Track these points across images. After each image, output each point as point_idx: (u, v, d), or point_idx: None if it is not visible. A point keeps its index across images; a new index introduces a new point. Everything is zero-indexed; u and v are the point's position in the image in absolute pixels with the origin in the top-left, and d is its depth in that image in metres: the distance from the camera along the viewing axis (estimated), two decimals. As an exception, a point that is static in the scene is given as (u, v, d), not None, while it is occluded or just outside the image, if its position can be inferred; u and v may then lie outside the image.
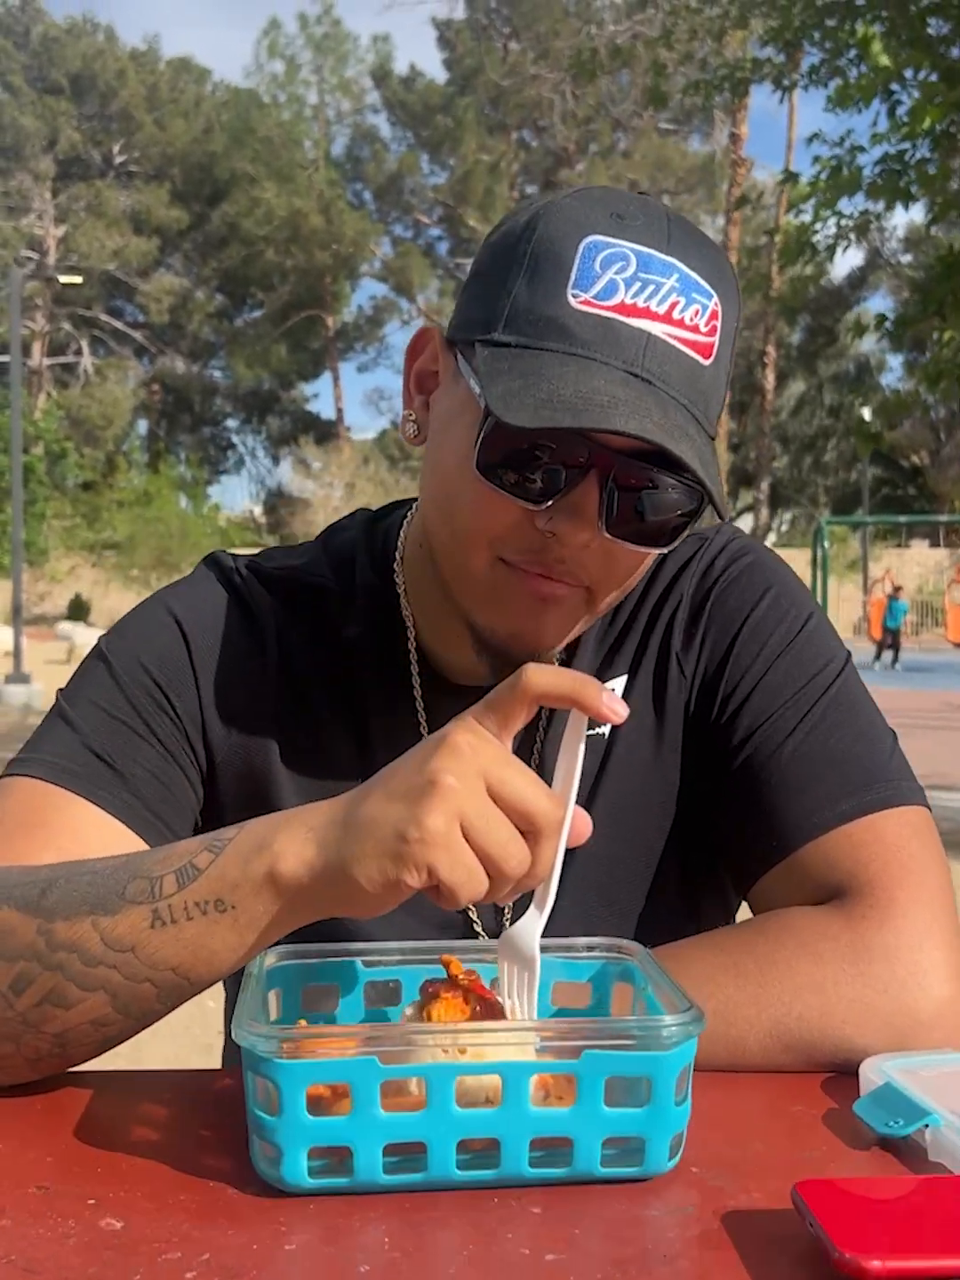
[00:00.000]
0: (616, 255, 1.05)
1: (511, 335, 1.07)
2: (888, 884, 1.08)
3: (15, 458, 19.57)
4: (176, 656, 1.23)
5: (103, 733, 1.18)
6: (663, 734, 1.27)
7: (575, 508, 1.07)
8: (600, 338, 1.05)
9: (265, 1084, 0.82)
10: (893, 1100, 0.91)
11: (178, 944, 0.92)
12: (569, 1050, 0.83)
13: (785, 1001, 1.04)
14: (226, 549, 1.37)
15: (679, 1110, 0.85)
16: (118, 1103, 0.99)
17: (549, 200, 1.12)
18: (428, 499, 1.20)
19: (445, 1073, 0.82)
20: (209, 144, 52.02)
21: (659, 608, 1.28)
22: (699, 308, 1.07)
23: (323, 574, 1.30)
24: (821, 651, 1.23)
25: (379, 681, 1.26)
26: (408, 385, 1.23)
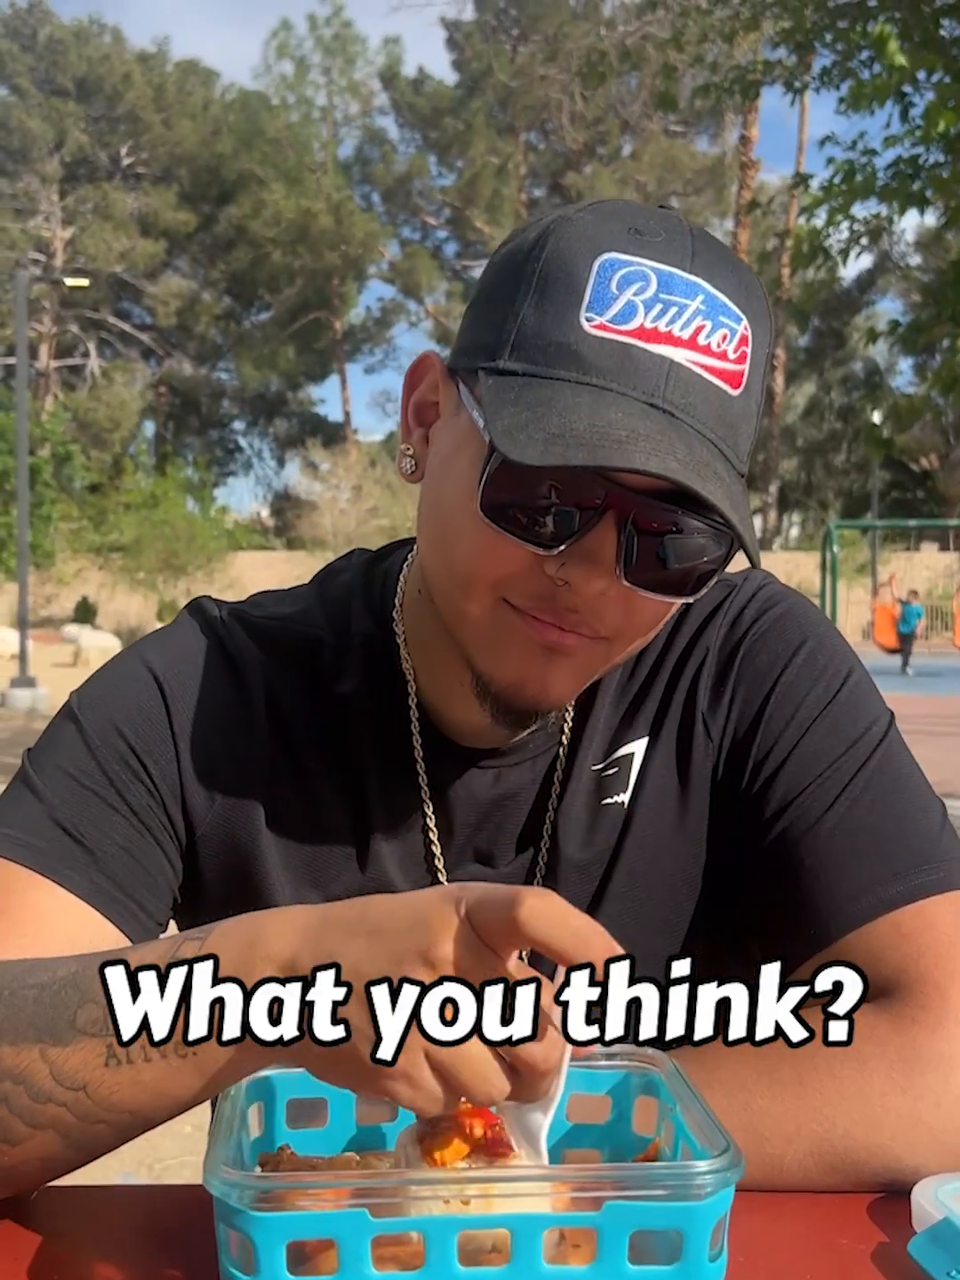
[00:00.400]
0: (635, 275, 0.95)
1: (519, 363, 0.96)
2: (941, 981, 0.97)
3: (21, 460, 19.50)
4: (154, 718, 1.12)
5: (71, 804, 1.07)
6: (687, 802, 1.15)
7: (590, 553, 0.96)
8: (617, 366, 0.94)
9: (239, 1238, 0.72)
10: (953, 1241, 0.80)
11: (135, 1087, 0.81)
12: (588, 1201, 0.72)
13: (827, 1115, 0.93)
14: (219, 594, 1.25)
15: (714, 1266, 0.74)
16: (79, 1225, 0.88)
17: (560, 214, 1.01)
18: (426, 541, 1.09)
19: (446, 1227, 0.71)
20: (216, 146, 52.01)
21: (683, 662, 1.17)
22: (727, 332, 0.96)
23: (316, 623, 1.19)
24: (862, 714, 1.12)
25: (377, 742, 1.15)
26: (405, 417, 1.12)
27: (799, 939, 1.05)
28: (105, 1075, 0.81)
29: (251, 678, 1.15)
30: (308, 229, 50.46)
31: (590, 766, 1.16)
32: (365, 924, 0.75)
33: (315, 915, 0.79)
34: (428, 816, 1.15)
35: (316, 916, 0.78)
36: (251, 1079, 0.87)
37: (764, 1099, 0.94)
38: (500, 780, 1.16)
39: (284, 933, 0.78)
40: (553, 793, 1.16)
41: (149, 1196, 0.96)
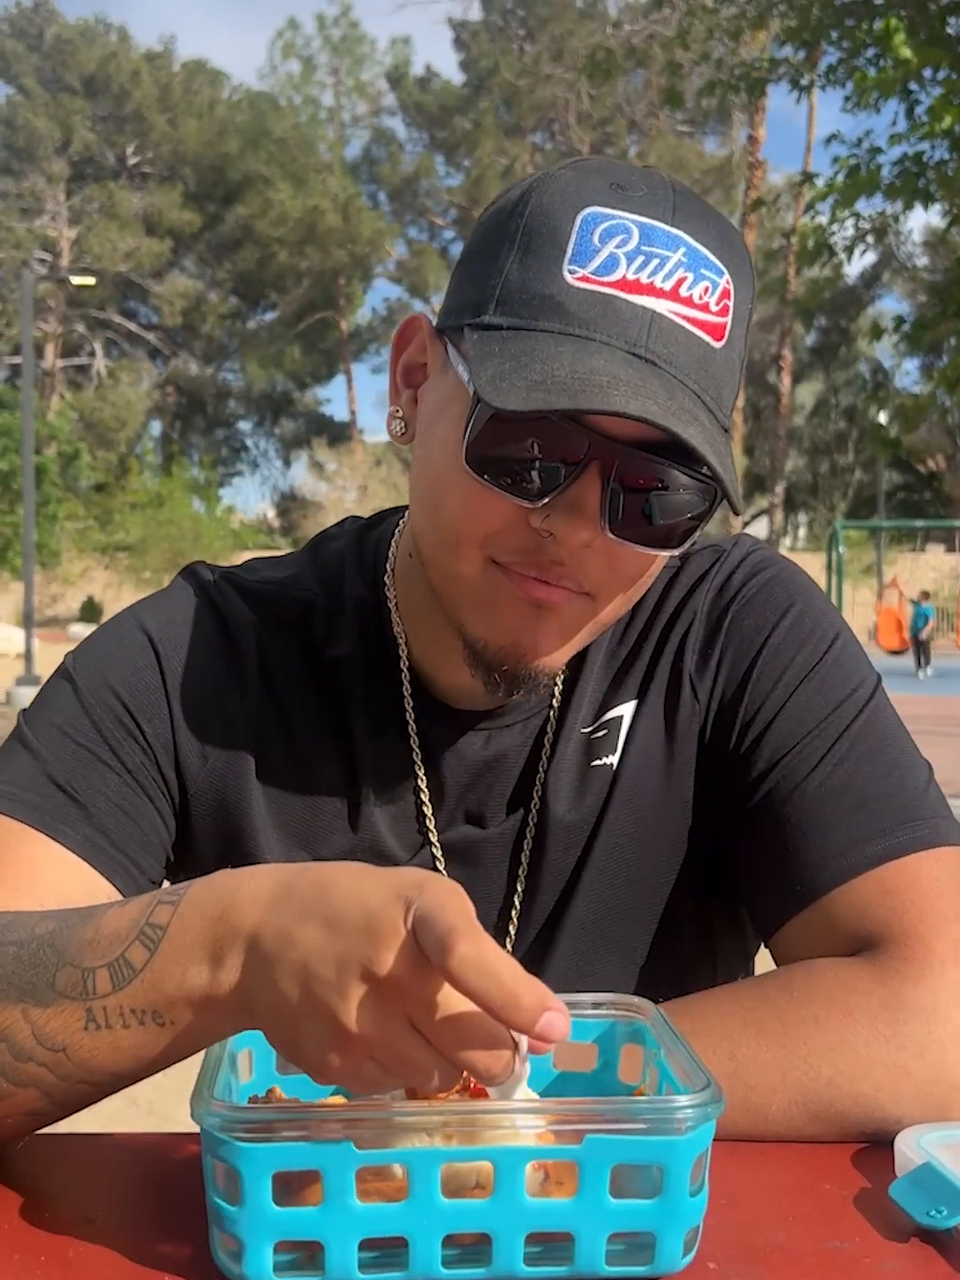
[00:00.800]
0: (617, 228, 0.95)
1: (503, 317, 0.97)
2: (924, 934, 0.98)
3: (27, 459, 19.51)
4: (147, 677, 1.13)
5: (66, 760, 1.08)
6: (674, 764, 1.16)
7: (574, 505, 0.97)
8: (600, 316, 0.95)
9: (226, 1169, 0.73)
10: (934, 1184, 0.81)
11: (114, 1051, 0.82)
12: (570, 1134, 0.73)
13: (812, 1064, 0.94)
14: (223, 557, 1.27)
15: (695, 1201, 0.75)
16: (67, 1174, 0.89)
17: (543, 172, 1.02)
18: (415, 501, 1.10)
19: (429, 1159, 0.72)
20: (222, 145, 52.01)
21: (671, 625, 1.18)
22: (708, 285, 0.97)
23: (309, 587, 1.20)
24: (849, 676, 1.13)
25: (368, 704, 1.16)
26: (394, 379, 1.13)
27: (785, 896, 1.06)
28: (85, 1039, 0.81)
29: (244, 640, 1.16)
30: (314, 228, 50.46)
31: (580, 729, 1.17)
32: (323, 908, 0.73)
33: (280, 887, 0.77)
34: (419, 778, 1.16)
35: (281, 889, 0.77)
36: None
37: (749, 1048, 0.95)
38: (490, 742, 1.17)
39: (250, 906, 0.77)
40: (543, 755, 1.17)
41: (139, 1143, 0.97)
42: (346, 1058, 0.71)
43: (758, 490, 48.61)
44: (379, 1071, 0.72)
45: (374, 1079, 0.72)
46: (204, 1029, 0.80)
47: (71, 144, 50.31)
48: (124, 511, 42.54)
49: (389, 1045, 0.71)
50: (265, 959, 0.74)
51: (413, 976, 0.69)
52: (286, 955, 0.73)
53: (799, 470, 52.45)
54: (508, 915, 1.16)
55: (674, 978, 1.13)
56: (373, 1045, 0.71)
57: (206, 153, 52.29)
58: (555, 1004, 0.67)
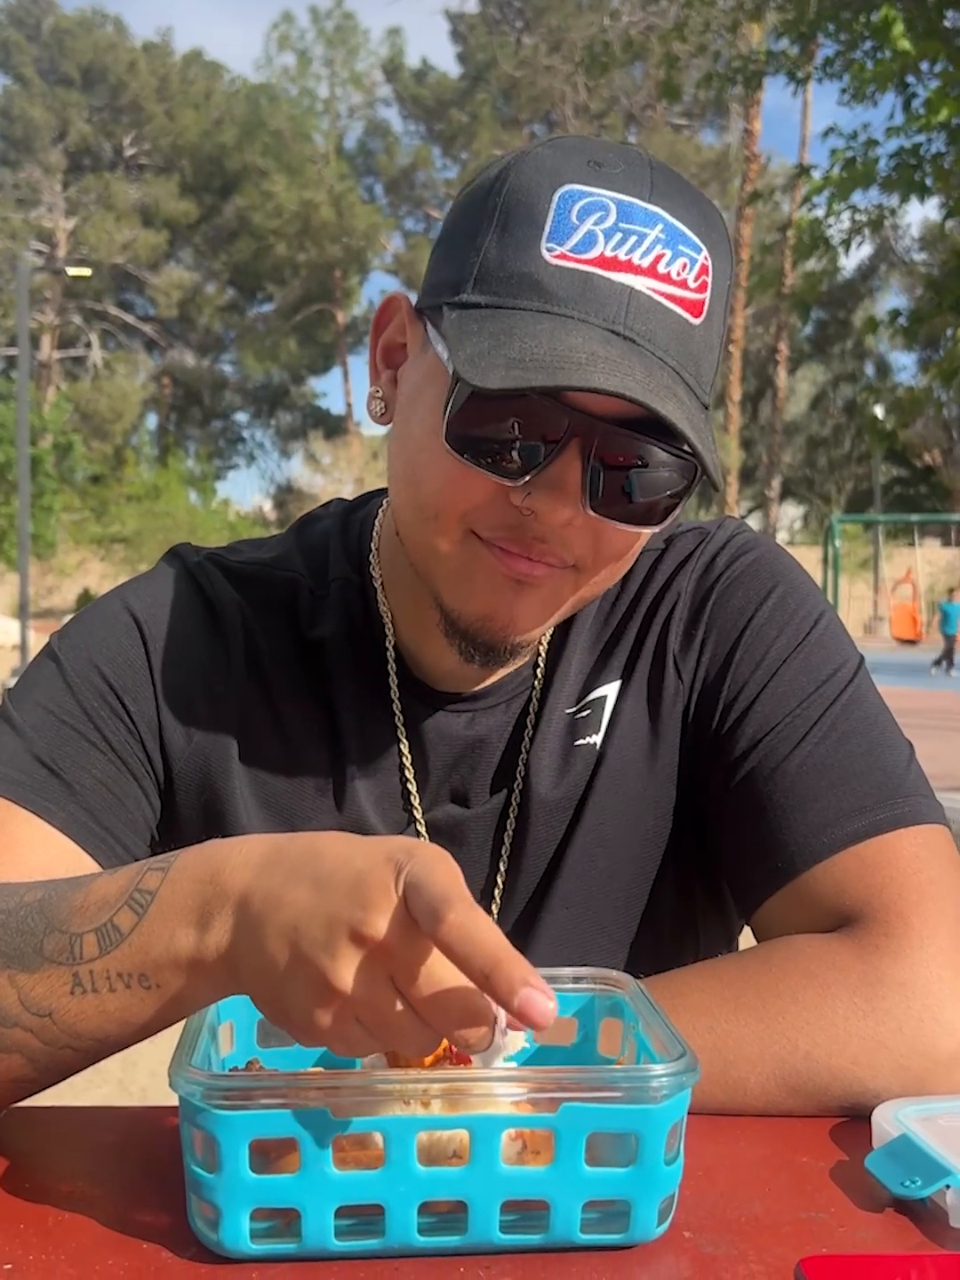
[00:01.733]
0: (595, 205, 0.96)
1: (482, 295, 0.98)
2: (903, 910, 0.99)
3: (22, 450, 19.49)
4: (133, 657, 1.13)
5: (50, 739, 1.09)
6: (658, 743, 1.17)
7: (555, 482, 0.97)
8: (578, 294, 0.95)
9: (203, 1136, 0.73)
10: (909, 1155, 0.82)
11: (100, 1015, 0.82)
12: (546, 1103, 0.73)
13: (790, 1038, 0.94)
14: (192, 543, 1.27)
15: (670, 1170, 0.75)
16: (49, 1145, 0.89)
17: (521, 150, 1.02)
18: (395, 478, 1.10)
19: (406, 1127, 0.72)
20: (219, 137, 51.90)
21: (655, 606, 1.18)
22: (686, 261, 0.97)
23: (294, 568, 1.21)
24: (832, 656, 1.13)
25: (353, 684, 1.17)
26: (374, 359, 1.13)
27: (765, 873, 1.06)
28: (70, 1003, 0.82)
29: (229, 620, 1.17)
30: (310, 221, 50.38)
31: (564, 710, 1.17)
32: (313, 870, 0.74)
33: (271, 852, 0.78)
34: (404, 757, 1.16)
35: (272, 853, 0.78)
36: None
37: (728, 1023, 0.95)
38: (475, 722, 1.17)
39: (240, 871, 0.78)
40: (526, 735, 1.17)
41: (119, 1115, 0.97)
42: (332, 1017, 0.72)
43: (754, 483, 48.61)
44: (363, 1033, 0.72)
45: (358, 1040, 0.73)
46: (190, 992, 0.80)
47: (68, 135, 50.20)
48: (120, 503, 42.50)
49: (374, 1006, 0.71)
50: (254, 920, 0.75)
51: (401, 940, 0.70)
52: (275, 916, 0.74)
53: (795, 464, 52.44)
54: (491, 894, 1.17)
55: (656, 955, 1.13)
56: (358, 1005, 0.71)
57: (203, 144, 52.18)
58: (537, 982, 0.67)
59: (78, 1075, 0.90)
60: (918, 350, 38.29)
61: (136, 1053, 3.26)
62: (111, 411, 48.81)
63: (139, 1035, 0.84)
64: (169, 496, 40.58)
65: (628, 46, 13.05)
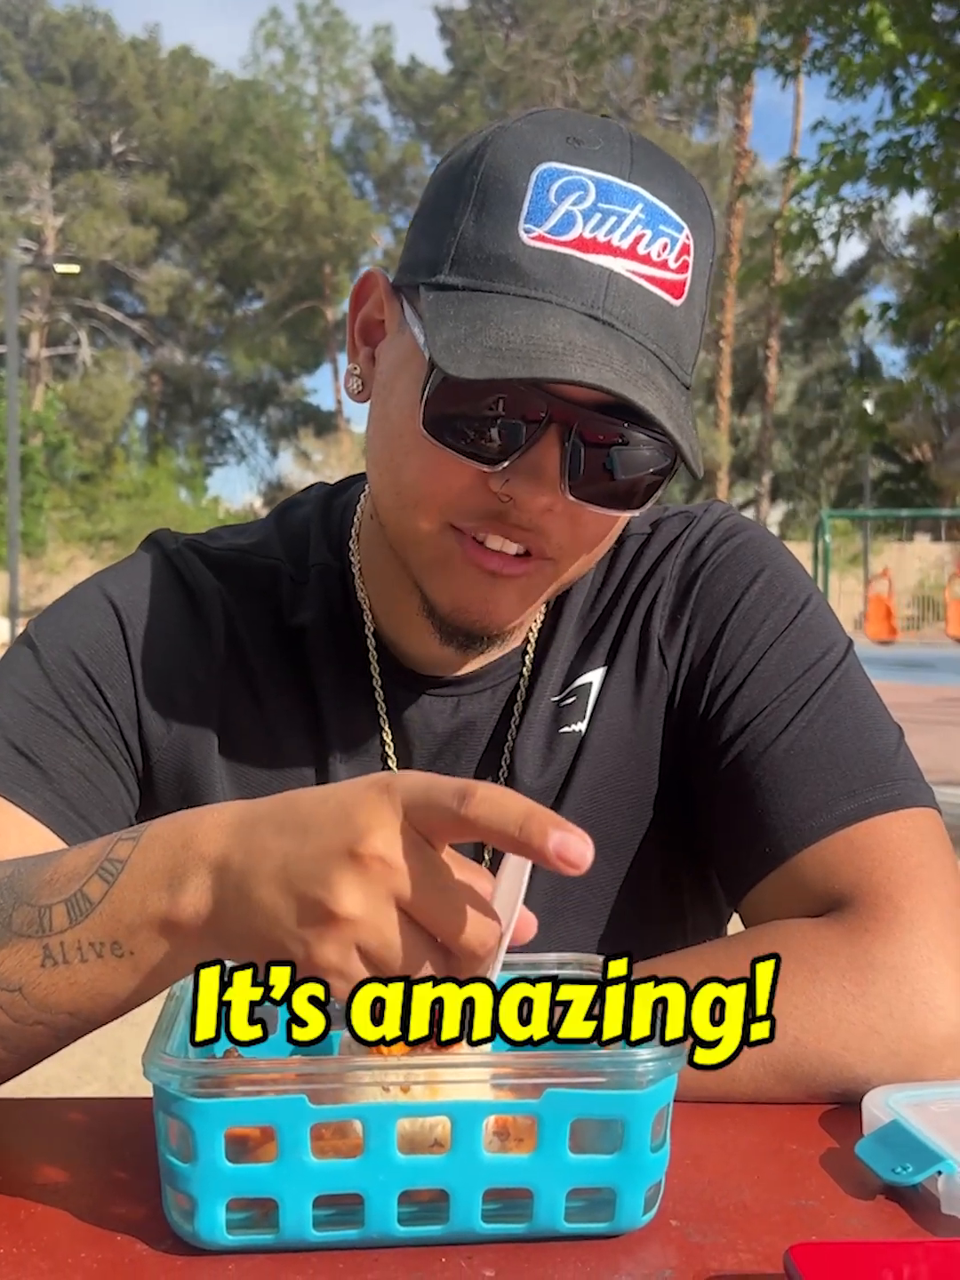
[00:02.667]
0: (573, 184, 0.94)
1: (459, 277, 0.96)
2: (893, 893, 0.97)
3: (11, 449, 19.46)
4: (110, 644, 1.12)
5: (26, 726, 1.07)
6: (641, 731, 1.16)
7: (534, 468, 0.96)
8: (556, 277, 0.93)
9: (178, 1126, 0.71)
10: (900, 1141, 0.80)
11: (72, 987, 0.80)
12: (529, 1089, 0.72)
13: (779, 1024, 0.92)
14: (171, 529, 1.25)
15: (656, 1157, 0.74)
16: (21, 1137, 0.88)
17: (498, 125, 1.00)
18: (373, 461, 1.08)
19: (385, 1114, 0.71)
20: (208, 134, 51.76)
21: (640, 591, 1.17)
22: (667, 241, 0.96)
23: (274, 554, 1.19)
24: (820, 639, 1.12)
25: (334, 671, 1.15)
26: (352, 337, 1.11)
27: (754, 858, 1.05)
28: (41, 976, 0.80)
29: (209, 607, 1.15)
30: (300, 217, 50.29)
31: (549, 697, 1.16)
32: (293, 817, 0.73)
33: (245, 811, 0.77)
34: (386, 745, 1.15)
35: (246, 813, 0.77)
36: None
37: None
38: (459, 709, 1.16)
39: (214, 833, 0.76)
40: (511, 723, 1.16)
41: (93, 1107, 0.95)
42: (335, 948, 0.70)
43: (744, 479, 48.64)
44: (367, 964, 0.71)
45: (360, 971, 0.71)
46: (167, 959, 0.78)
47: (56, 132, 50.06)
48: (110, 501, 42.40)
49: (377, 928, 0.69)
50: (237, 877, 0.73)
51: (402, 852, 0.69)
52: (261, 866, 0.72)
53: (786, 459, 52.48)
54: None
55: (642, 943, 1.11)
56: (361, 928, 0.69)
57: (192, 141, 52.06)
58: (570, 827, 0.68)
59: (66, 1071, 0.88)
60: (906, 346, 38.31)
61: (126, 1049, 3.24)
62: (101, 409, 48.70)
63: (114, 1009, 0.82)
64: (159, 494, 40.51)
65: (616, 37, 13.04)
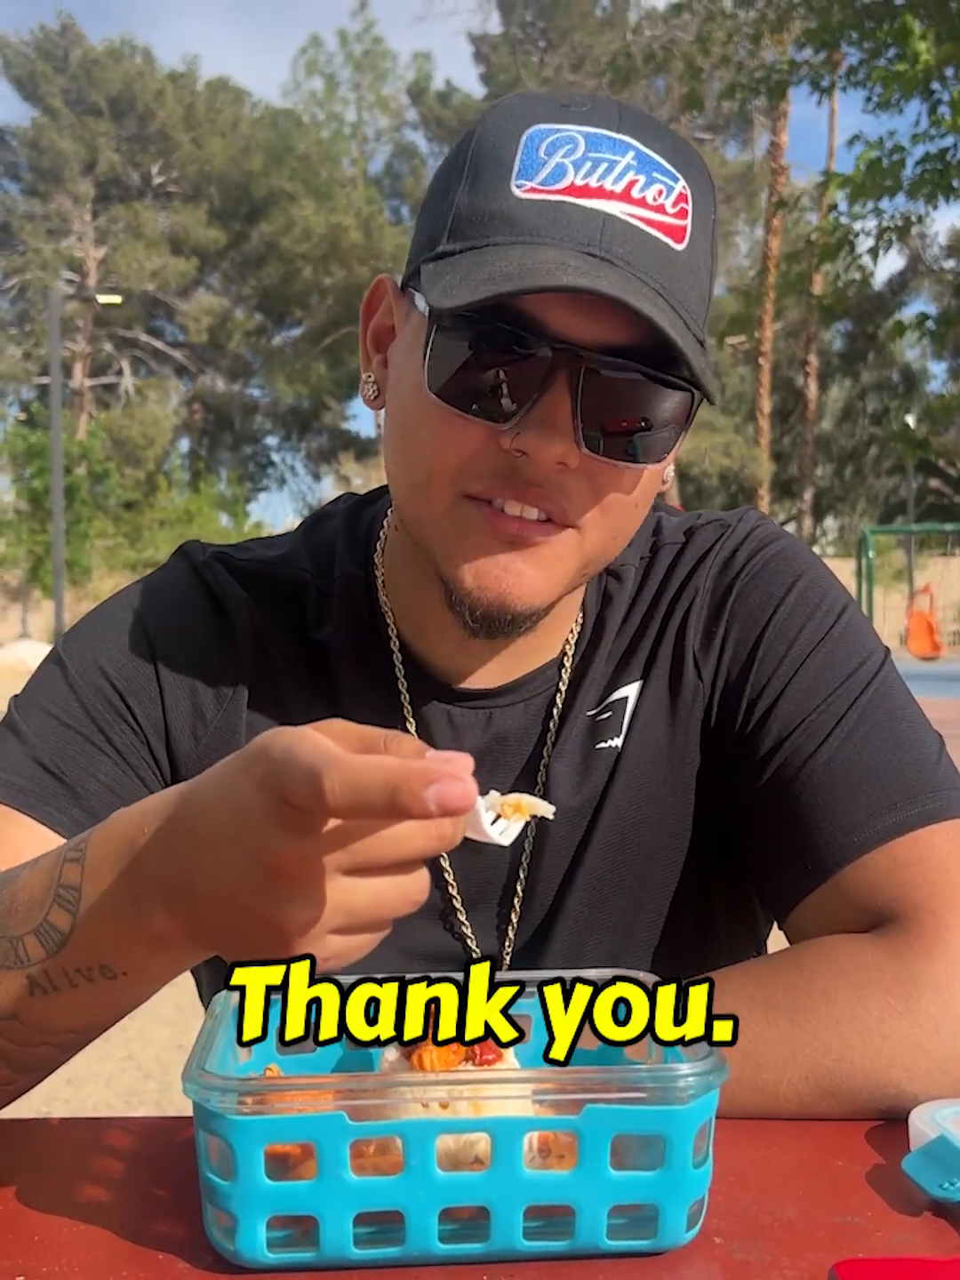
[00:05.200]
0: (562, 139, 0.94)
1: (456, 242, 0.96)
2: (937, 908, 0.96)
3: (56, 478, 19.64)
4: (138, 658, 1.12)
5: (54, 744, 1.07)
6: (677, 746, 1.14)
7: (544, 419, 0.94)
8: (550, 223, 0.93)
9: (218, 1143, 0.71)
10: (948, 1156, 0.79)
11: (69, 1009, 0.80)
12: (569, 1104, 0.71)
13: (822, 1040, 0.92)
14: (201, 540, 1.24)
15: (699, 1173, 0.73)
16: (62, 1156, 0.88)
17: (490, 105, 1.02)
18: (389, 454, 1.07)
19: (424, 1130, 0.71)
20: (246, 163, 52.23)
21: (674, 603, 1.16)
22: (662, 188, 0.95)
23: (301, 566, 1.19)
24: (856, 649, 1.11)
25: (361, 683, 1.14)
26: (365, 346, 1.12)
27: (797, 875, 1.04)
28: (34, 1003, 0.80)
29: (237, 618, 1.15)
30: (338, 244, 50.58)
31: (586, 711, 1.15)
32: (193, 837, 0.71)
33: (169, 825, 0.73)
34: None
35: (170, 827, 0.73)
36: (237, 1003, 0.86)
37: (758, 1025, 0.92)
38: (492, 722, 1.14)
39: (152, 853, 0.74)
40: (548, 739, 1.15)
41: (134, 1126, 0.95)
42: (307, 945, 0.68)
43: (786, 497, 48.40)
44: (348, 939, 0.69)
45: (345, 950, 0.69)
46: (165, 966, 0.78)
47: (97, 165, 50.63)
48: (153, 529, 42.69)
49: (332, 914, 0.67)
50: (191, 902, 0.72)
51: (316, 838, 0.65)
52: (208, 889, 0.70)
53: (827, 475, 52.19)
54: (510, 901, 1.14)
55: (678, 960, 1.11)
56: (316, 926, 0.67)
57: (231, 170, 52.54)
58: (436, 773, 0.62)
59: (114, 1097, 0.89)
60: (948, 358, 38.06)
61: (172, 1073, 3.24)
62: (143, 438, 49.10)
63: (118, 1016, 0.84)
64: (202, 520, 40.75)
65: (650, 58, 13.07)
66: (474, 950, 1.13)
